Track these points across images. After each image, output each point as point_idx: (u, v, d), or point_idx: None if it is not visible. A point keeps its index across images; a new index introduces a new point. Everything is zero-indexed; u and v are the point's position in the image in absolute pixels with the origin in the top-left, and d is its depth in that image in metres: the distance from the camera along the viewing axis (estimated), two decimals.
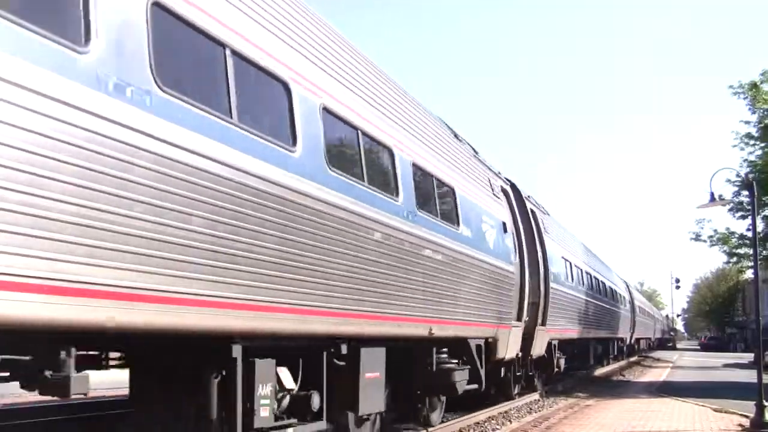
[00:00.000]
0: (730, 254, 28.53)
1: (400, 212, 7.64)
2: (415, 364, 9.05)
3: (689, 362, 39.35)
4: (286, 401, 5.91)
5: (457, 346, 10.02)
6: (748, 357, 37.84)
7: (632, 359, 38.60)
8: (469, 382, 10.11)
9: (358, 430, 7.60)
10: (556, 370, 17.12)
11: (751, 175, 19.61)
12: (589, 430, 11.00)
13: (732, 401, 14.60)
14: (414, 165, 8.29)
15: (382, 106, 7.74)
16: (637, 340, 41.62)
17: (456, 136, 11.30)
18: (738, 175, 21.05)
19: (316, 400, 6.20)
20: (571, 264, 18.61)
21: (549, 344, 15.65)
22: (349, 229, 6.45)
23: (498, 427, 11.09)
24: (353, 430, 7.44)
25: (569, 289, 17.80)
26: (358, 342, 6.97)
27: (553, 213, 19.46)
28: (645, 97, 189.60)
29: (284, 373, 5.86)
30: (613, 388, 20.48)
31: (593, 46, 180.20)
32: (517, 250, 12.85)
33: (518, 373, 14.12)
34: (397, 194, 7.69)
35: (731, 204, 23.87)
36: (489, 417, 11.81)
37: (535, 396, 15.51)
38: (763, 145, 24.95)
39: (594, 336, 22.95)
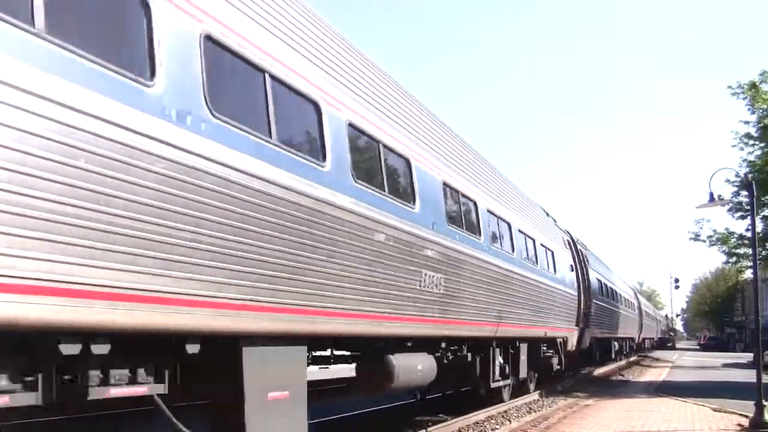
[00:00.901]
0: (730, 254, 28.49)
1: (537, 270, 14.61)
2: (533, 354, 14.81)
3: (688, 362, 39.36)
4: None
5: (551, 343, 16.55)
6: (748, 357, 37.89)
7: (632, 359, 38.67)
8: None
9: None
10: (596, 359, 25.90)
11: (750, 175, 19.58)
12: (589, 430, 11.01)
13: (731, 401, 14.61)
14: (542, 245, 15.54)
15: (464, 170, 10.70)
16: (643, 339, 48.75)
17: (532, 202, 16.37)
18: (737, 175, 21.06)
19: None
20: (600, 282, 24.67)
21: (590, 340, 21.73)
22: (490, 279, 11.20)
23: (497, 426, 11.11)
24: None
25: (601, 302, 24.05)
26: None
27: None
28: (645, 97, 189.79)
29: None
30: (612, 388, 20.49)
31: (593, 46, 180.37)
32: (577, 279, 19.42)
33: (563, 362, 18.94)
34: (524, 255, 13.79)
35: (730, 204, 23.86)
36: (488, 416, 11.82)
37: (535, 396, 15.55)
38: (762, 145, 24.95)
39: (615, 335, 29.68)
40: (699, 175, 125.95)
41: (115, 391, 4.28)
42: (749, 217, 18.28)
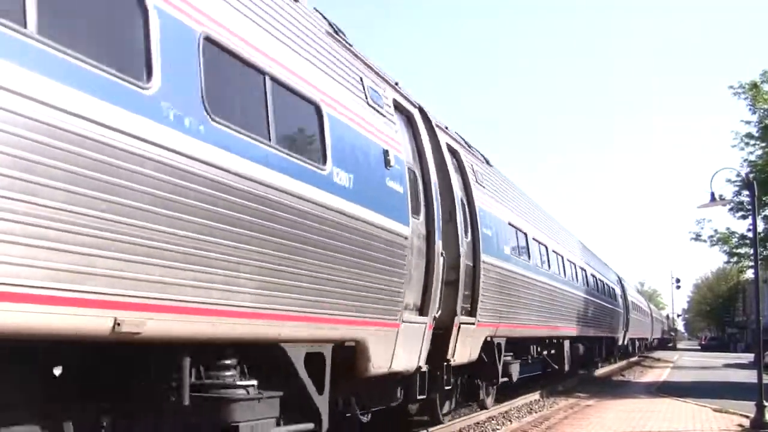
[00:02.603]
0: (731, 254, 28.47)
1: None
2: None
3: (689, 362, 39.34)
4: None
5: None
6: (749, 357, 37.84)
7: (632, 359, 38.64)
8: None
9: None
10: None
11: (751, 175, 19.57)
12: (590, 430, 11.00)
13: (732, 401, 14.59)
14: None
15: None
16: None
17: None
18: (738, 175, 21.04)
19: None
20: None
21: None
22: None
23: (498, 427, 11.09)
24: None
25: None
26: None
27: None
28: (645, 97, 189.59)
29: None
30: (613, 388, 20.48)
31: (593, 46, 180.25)
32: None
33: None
34: None
35: (731, 204, 23.84)
36: (489, 417, 11.80)
37: (536, 396, 15.46)
38: (763, 144, 24.95)
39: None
40: (700, 175, 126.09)
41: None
42: (750, 217, 18.24)
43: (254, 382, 5.24)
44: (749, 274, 40.47)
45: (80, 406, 4.40)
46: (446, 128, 10.36)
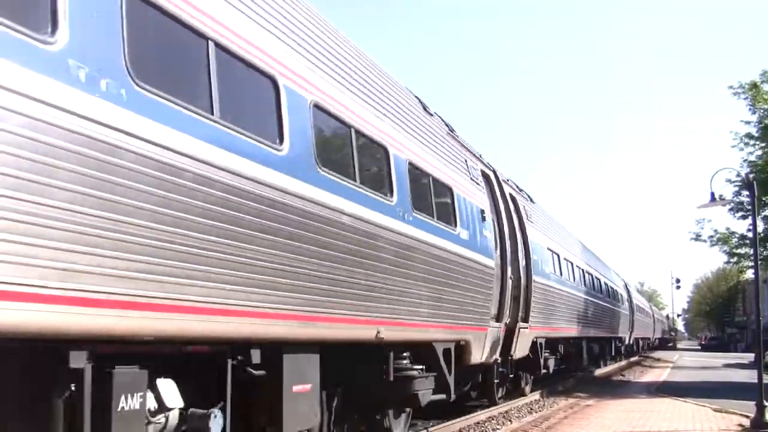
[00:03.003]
0: (731, 254, 28.52)
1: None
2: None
3: (689, 362, 39.35)
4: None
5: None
6: (749, 357, 37.85)
7: (632, 359, 38.67)
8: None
9: None
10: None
11: (751, 175, 19.60)
12: (590, 430, 11.01)
13: (732, 401, 14.59)
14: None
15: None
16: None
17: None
18: (738, 175, 21.06)
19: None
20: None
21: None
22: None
23: (498, 427, 11.11)
24: None
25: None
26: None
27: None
28: (645, 97, 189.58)
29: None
30: (613, 388, 20.49)
31: (593, 46, 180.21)
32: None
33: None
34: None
35: (731, 204, 23.86)
36: (489, 417, 11.82)
37: (536, 396, 15.50)
38: (763, 145, 24.98)
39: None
40: (700, 175, 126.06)
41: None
42: (750, 217, 18.25)
43: (422, 367, 8.23)
44: (749, 274, 40.57)
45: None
46: (507, 180, 13.84)
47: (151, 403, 4.36)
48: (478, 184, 10.77)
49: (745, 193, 22.47)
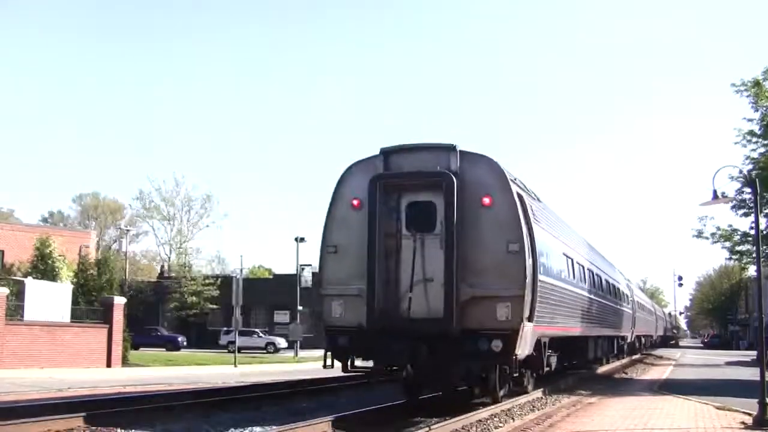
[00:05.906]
0: (733, 251, 28.52)
1: None
2: None
3: (692, 360, 39.38)
4: None
5: None
6: (751, 355, 37.88)
7: (635, 357, 38.69)
8: None
9: None
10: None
11: (753, 173, 19.60)
12: (592, 428, 11.02)
13: (735, 399, 14.59)
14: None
15: None
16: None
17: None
18: (740, 173, 21.04)
19: None
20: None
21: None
22: None
23: (501, 424, 11.10)
24: None
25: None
26: None
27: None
28: (645, 97, 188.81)
29: None
30: (615, 386, 20.50)
31: (593, 46, 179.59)
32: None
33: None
34: None
35: (734, 201, 23.88)
36: (492, 414, 11.81)
37: (538, 393, 15.50)
38: (765, 142, 25.02)
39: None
40: (702, 173, 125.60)
41: None
42: (753, 215, 18.24)
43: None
44: (751, 271, 40.54)
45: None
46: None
47: None
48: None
49: (748, 190, 22.47)
